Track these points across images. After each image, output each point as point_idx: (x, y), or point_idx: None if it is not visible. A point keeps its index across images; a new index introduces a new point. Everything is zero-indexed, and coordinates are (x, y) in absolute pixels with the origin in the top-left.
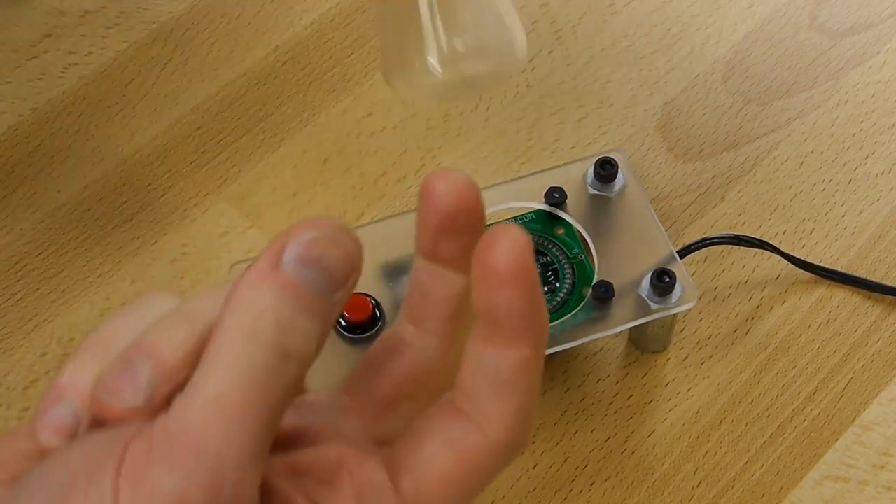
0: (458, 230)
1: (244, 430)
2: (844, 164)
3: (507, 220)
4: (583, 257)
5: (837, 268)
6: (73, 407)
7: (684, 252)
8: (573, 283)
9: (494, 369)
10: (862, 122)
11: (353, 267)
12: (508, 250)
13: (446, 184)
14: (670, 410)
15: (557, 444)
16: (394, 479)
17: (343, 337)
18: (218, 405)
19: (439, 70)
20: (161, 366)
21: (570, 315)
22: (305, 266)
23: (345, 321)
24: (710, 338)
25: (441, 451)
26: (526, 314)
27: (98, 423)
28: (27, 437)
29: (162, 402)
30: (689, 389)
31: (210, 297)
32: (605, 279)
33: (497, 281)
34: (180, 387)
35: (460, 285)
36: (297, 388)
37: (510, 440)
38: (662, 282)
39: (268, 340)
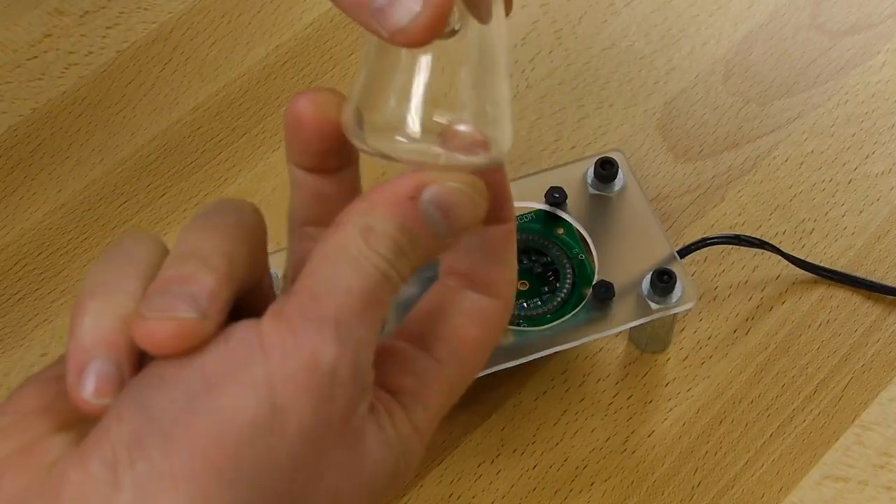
0: (338, 147)
1: (371, 318)
2: (844, 164)
3: None
4: (583, 257)
5: (837, 268)
6: (110, 359)
7: (684, 252)
8: (573, 283)
9: (493, 243)
10: (862, 122)
11: (474, 223)
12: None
13: (314, 107)
14: (670, 410)
15: (557, 444)
16: (433, 351)
17: None
18: (350, 295)
19: (411, 136)
20: (200, 286)
21: (570, 315)
22: (438, 208)
23: None
24: (710, 338)
25: (463, 321)
26: (506, 188)
27: (148, 360)
28: (44, 419)
29: (215, 319)
30: (689, 389)
31: (215, 236)
32: (605, 279)
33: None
34: (225, 307)
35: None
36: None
37: (511, 298)
38: (662, 282)
39: (382, 255)
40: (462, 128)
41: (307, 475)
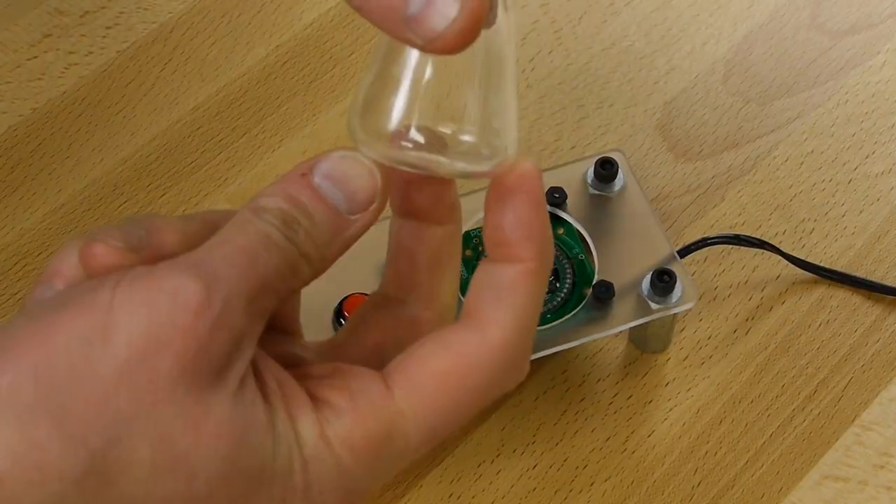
0: (425, 179)
1: (243, 269)
2: (844, 164)
3: None
4: (583, 257)
5: (837, 268)
6: (53, 290)
7: (684, 252)
8: (573, 283)
9: (497, 279)
10: (862, 122)
11: (374, 194)
12: (519, 174)
13: None
14: (670, 410)
15: (557, 444)
16: (387, 378)
17: None
18: (223, 245)
19: (415, 143)
20: (154, 231)
21: (570, 315)
22: (331, 180)
23: (345, 320)
24: (710, 338)
25: (436, 349)
26: (530, 224)
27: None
28: None
29: (148, 257)
30: (689, 389)
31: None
32: (605, 279)
33: (506, 193)
34: (166, 254)
35: (437, 237)
36: (294, 282)
37: (506, 344)
38: (662, 282)
39: (266, 220)
40: (466, 138)
41: (134, 394)
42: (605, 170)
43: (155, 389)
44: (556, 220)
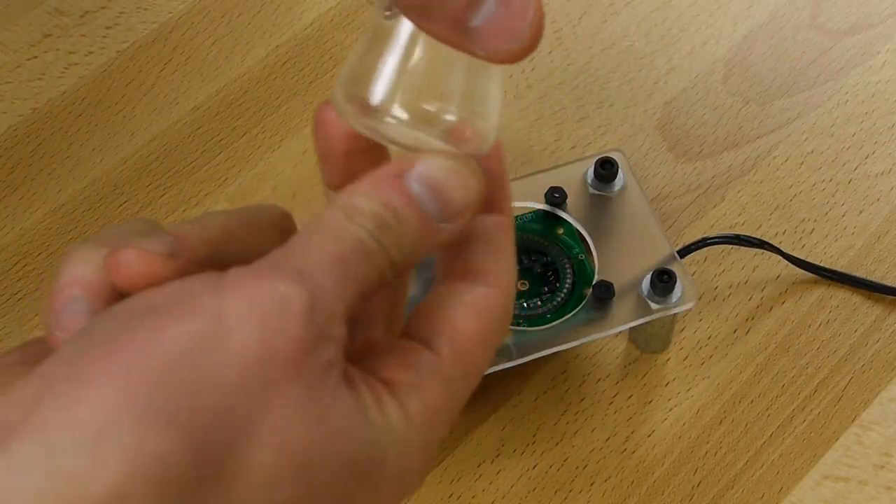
0: (364, 149)
1: (340, 277)
2: (844, 164)
3: None
4: (583, 257)
5: (837, 268)
6: (84, 299)
7: (684, 252)
8: (573, 283)
9: (488, 234)
10: (862, 122)
11: (468, 205)
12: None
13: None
14: (670, 410)
15: (557, 444)
16: (429, 345)
17: None
18: (321, 252)
19: (399, 119)
20: (176, 233)
21: (570, 315)
22: (426, 186)
23: None
24: (710, 338)
25: (460, 313)
26: (505, 183)
27: (119, 295)
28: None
29: (184, 264)
30: (689, 389)
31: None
32: (605, 279)
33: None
34: (199, 258)
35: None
36: (378, 286)
37: (510, 286)
38: (662, 282)
39: (361, 225)
40: (449, 117)
41: (251, 401)
42: (605, 170)
43: (271, 398)
44: (556, 220)
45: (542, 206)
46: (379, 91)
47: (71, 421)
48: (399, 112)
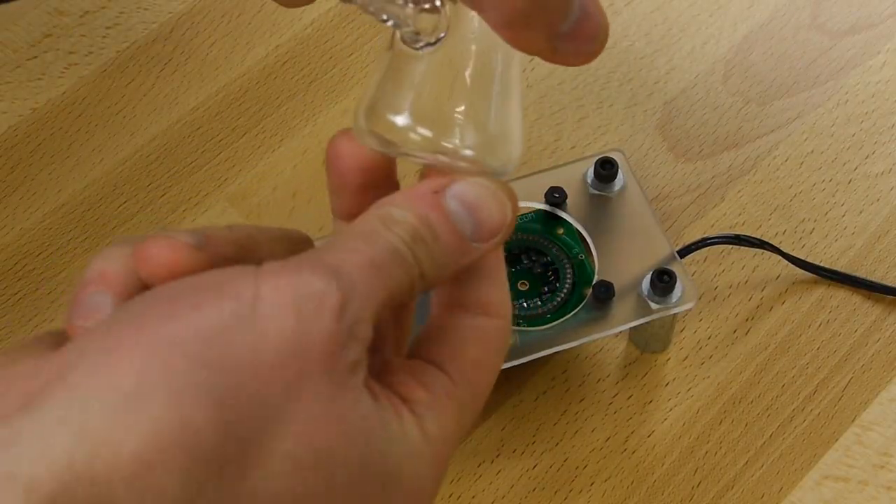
0: (378, 184)
1: (373, 279)
2: (844, 164)
3: None
4: (583, 257)
5: (837, 268)
6: (106, 291)
7: (684, 252)
8: (573, 283)
9: (489, 266)
10: (862, 122)
11: (501, 227)
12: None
13: (351, 141)
14: (670, 410)
15: (557, 444)
16: (443, 369)
17: None
18: (357, 254)
19: (426, 136)
20: (205, 231)
21: (570, 315)
22: (463, 204)
23: None
24: (710, 338)
25: (472, 344)
26: (504, 213)
27: (145, 286)
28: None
29: (211, 258)
30: (689, 389)
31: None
32: (605, 279)
33: None
34: (225, 254)
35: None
36: (407, 298)
37: (509, 316)
38: (662, 282)
39: (397, 233)
40: (467, 153)
41: (284, 388)
42: (605, 170)
43: (302, 387)
44: (556, 220)
45: (542, 206)
46: (398, 112)
47: (103, 386)
48: (425, 131)
